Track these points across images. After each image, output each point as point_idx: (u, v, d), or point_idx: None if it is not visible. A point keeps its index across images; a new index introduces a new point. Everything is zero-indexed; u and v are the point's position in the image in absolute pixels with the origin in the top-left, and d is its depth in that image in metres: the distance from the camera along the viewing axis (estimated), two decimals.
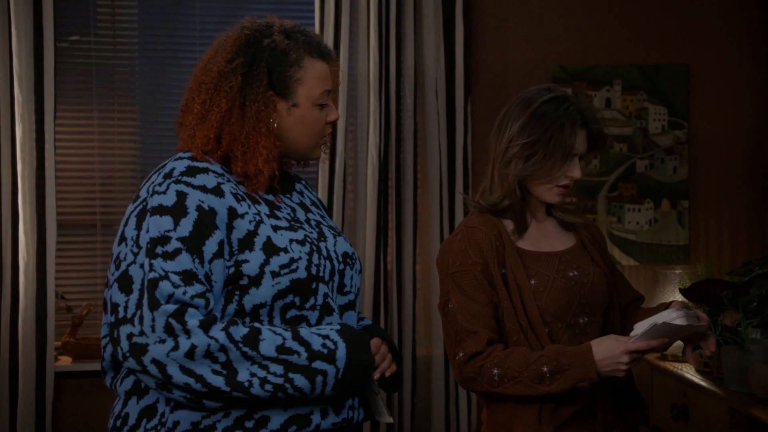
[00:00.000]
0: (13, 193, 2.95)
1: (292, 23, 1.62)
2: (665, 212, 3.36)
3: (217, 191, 1.47)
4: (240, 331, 1.41)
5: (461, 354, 1.78)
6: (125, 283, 1.42)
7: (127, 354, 1.39)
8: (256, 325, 1.44)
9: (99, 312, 3.15)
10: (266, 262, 1.47)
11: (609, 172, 3.34)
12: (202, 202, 1.45)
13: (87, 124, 3.17)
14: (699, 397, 2.65)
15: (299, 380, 1.42)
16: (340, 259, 1.61)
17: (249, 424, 1.45)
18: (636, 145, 3.35)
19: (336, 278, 1.59)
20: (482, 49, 3.28)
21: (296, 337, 1.44)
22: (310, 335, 1.45)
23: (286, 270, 1.48)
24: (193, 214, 1.44)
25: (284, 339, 1.43)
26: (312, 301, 1.52)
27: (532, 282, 1.82)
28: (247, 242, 1.47)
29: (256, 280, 1.47)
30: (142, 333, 1.38)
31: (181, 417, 1.45)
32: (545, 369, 1.74)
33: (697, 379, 2.68)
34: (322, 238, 1.60)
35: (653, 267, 3.31)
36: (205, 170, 1.49)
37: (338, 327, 1.48)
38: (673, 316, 1.71)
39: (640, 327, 1.71)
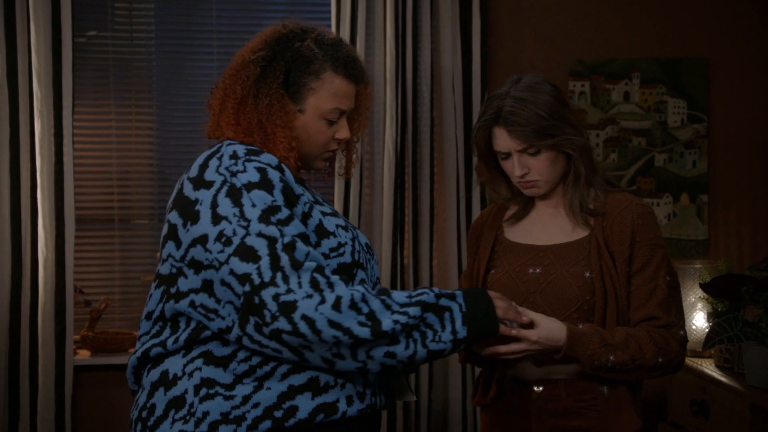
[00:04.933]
0: (32, 188, 2.97)
1: (335, 37, 1.64)
2: (684, 206, 3.33)
3: (281, 169, 1.53)
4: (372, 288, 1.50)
5: None
6: (248, 253, 1.42)
7: (277, 314, 1.39)
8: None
9: (117, 306, 3.17)
10: (317, 244, 1.53)
11: (627, 166, 3.31)
12: (280, 176, 1.51)
13: (104, 119, 3.18)
14: (719, 392, 2.63)
15: (431, 318, 1.47)
16: (365, 249, 1.67)
17: (278, 414, 1.46)
18: (655, 139, 3.32)
19: (368, 266, 1.65)
20: (499, 43, 3.26)
21: (418, 289, 1.52)
22: (428, 288, 1.53)
23: (335, 253, 1.54)
24: (278, 185, 1.49)
25: (410, 292, 1.50)
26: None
27: (491, 272, 1.86)
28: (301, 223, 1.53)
29: None
30: (289, 291, 1.40)
31: (210, 407, 1.46)
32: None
33: (717, 374, 2.66)
34: None
35: (672, 262, 3.28)
36: (262, 152, 1.55)
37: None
38: None
39: None
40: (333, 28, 3.09)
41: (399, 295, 1.47)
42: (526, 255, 1.83)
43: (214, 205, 1.48)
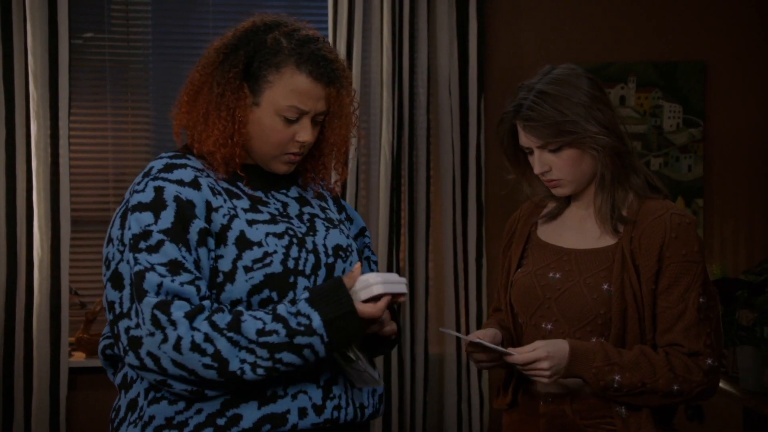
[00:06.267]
0: (27, 190, 2.97)
1: (310, 33, 1.54)
2: None
3: (195, 184, 1.46)
4: (225, 318, 1.40)
5: None
6: (117, 280, 1.44)
7: (127, 348, 1.40)
8: (239, 309, 1.44)
9: None
10: (238, 257, 1.45)
11: None
12: (180, 193, 1.44)
13: (101, 120, 3.18)
14: (713, 396, 2.63)
15: (287, 357, 1.40)
16: (330, 252, 1.55)
17: (221, 422, 1.43)
18: (650, 143, 3.32)
19: (322, 272, 1.53)
20: (496, 46, 3.27)
21: (275, 317, 1.41)
22: (286, 312, 1.42)
23: (259, 264, 1.46)
24: (172, 206, 1.43)
25: (264, 323, 1.40)
26: (291, 295, 1.48)
27: (518, 270, 1.79)
28: (221, 237, 1.46)
29: (229, 276, 1.45)
30: (138, 326, 1.39)
31: (156, 412, 1.45)
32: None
33: None
34: (311, 232, 1.55)
35: None
36: (183, 166, 1.49)
37: (307, 295, 1.44)
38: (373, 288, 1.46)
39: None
40: (330, 31, 3.10)
41: (249, 329, 1.39)
42: (551, 257, 1.74)
43: (112, 224, 1.50)
